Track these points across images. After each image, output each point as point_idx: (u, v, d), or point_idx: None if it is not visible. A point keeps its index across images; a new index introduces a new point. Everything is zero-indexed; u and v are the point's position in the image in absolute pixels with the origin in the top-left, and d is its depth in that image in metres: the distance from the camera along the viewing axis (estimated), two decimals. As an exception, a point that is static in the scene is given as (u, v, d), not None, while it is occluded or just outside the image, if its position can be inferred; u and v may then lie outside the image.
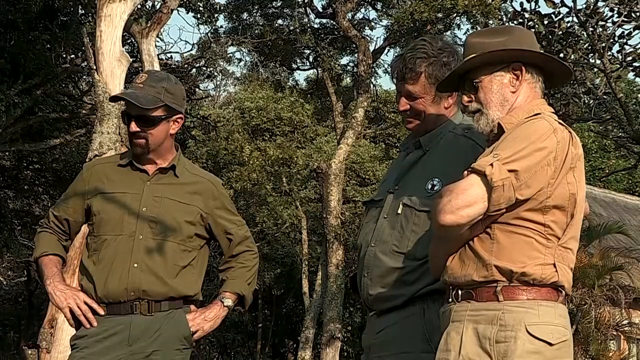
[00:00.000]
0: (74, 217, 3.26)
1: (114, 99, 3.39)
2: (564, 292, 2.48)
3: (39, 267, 3.28)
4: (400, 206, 2.88)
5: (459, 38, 20.01)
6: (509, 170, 2.33)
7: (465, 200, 2.35)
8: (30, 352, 11.43)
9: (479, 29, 16.29)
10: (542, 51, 2.63)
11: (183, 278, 3.15)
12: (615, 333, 16.33)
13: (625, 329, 16.44)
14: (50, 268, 3.21)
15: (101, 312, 3.05)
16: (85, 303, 3.06)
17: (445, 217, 2.36)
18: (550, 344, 2.41)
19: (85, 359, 3.10)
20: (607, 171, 23.78)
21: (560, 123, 2.44)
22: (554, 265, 2.44)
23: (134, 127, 3.13)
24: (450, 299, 2.52)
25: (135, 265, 3.07)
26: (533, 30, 13.71)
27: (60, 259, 3.27)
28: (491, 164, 2.33)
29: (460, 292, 2.49)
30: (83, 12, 16.13)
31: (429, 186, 2.84)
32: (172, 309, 3.12)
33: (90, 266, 3.14)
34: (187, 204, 3.18)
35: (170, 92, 3.17)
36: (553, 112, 2.51)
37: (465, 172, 2.39)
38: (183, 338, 3.14)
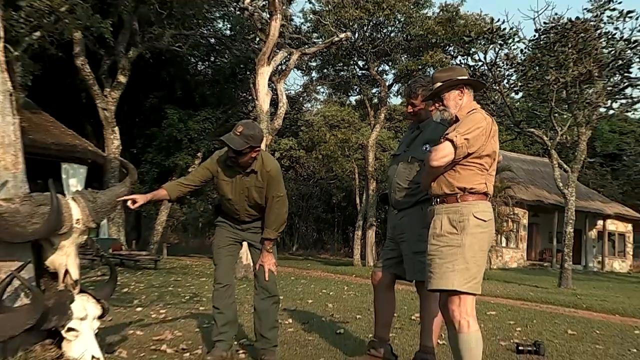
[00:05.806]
0: (196, 183, 4.18)
1: (220, 141, 3.90)
2: (489, 196, 3.33)
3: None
4: (410, 158, 3.95)
5: (429, 74, 18.50)
6: (464, 138, 3.13)
7: (443, 154, 3.16)
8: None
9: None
10: (472, 78, 3.51)
11: (260, 213, 4.26)
12: (506, 219, 23.22)
13: (511, 216, 23.72)
14: (153, 192, 4.15)
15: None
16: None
17: (434, 162, 3.20)
18: (484, 221, 3.27)
19: (220, 227, 4.36)
20: (500, 141, 30.56)
21: (487, 114, 3.27)
22: (485, 184, 3.31)
23: (230, 153, 3.98)
24: (433, 203, 3.38)
25: (245, 212, 4.24)
26: (465, 68, 12.58)
27: (163, 191, 4.18)
28: (456, 135, 3.13)
29: (438, 199, 3.36)
30: (249, 72, 20.41)
31: (424, 148, 3.82)
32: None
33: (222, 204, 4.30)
34: (260, 187, 4.10)
35: (253, 137, 3.89)
36: (481, 108, 3.36)
37: (442, 139, 3.22)
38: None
